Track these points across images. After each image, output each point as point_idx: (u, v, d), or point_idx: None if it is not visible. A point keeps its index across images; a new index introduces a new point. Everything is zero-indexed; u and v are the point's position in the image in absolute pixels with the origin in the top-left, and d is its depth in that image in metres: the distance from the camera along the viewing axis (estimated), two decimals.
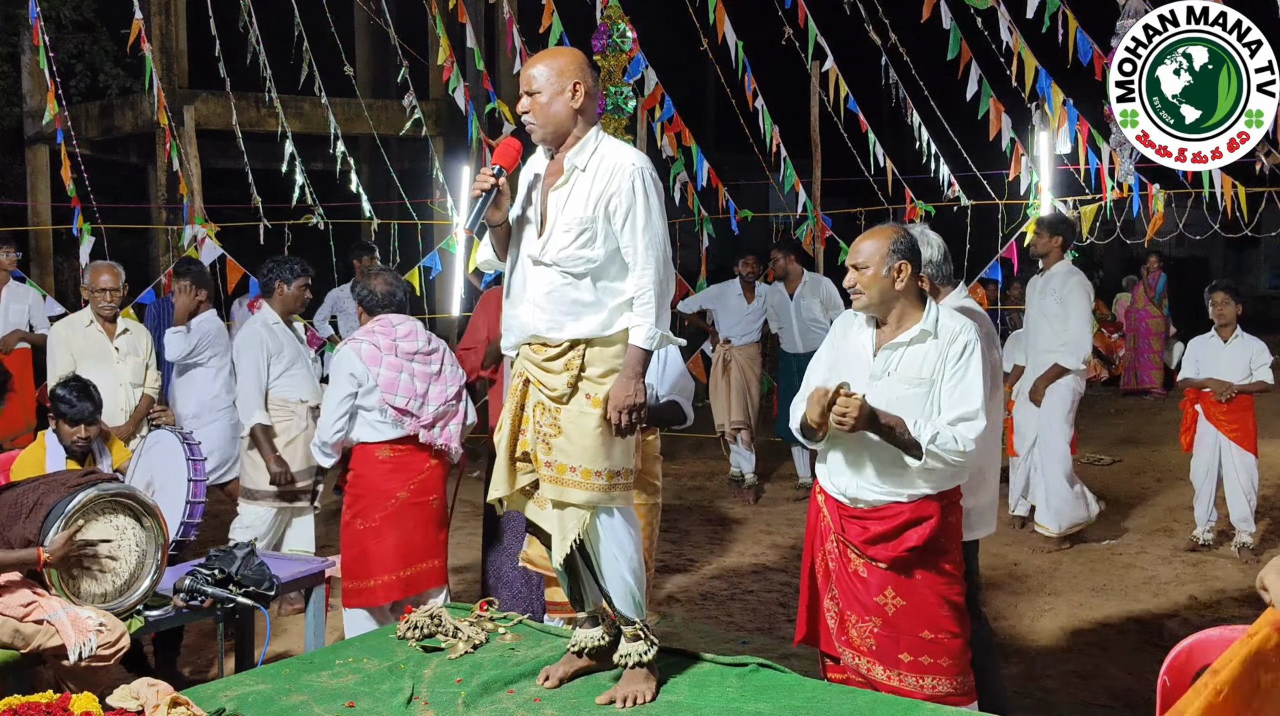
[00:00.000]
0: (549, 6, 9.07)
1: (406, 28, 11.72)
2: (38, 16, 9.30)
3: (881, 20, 9.18)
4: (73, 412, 4.34)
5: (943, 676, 3.33)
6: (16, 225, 12.27)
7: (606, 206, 3.06)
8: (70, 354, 5.73)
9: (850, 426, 3.18)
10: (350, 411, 4.54)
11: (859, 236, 3.46)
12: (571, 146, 3.12)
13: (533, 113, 3.10)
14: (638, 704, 3.12)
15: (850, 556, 3.41)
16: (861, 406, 3.16)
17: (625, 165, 3.06)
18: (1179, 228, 9.64)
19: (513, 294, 3.18)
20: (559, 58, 3.14)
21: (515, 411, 3.16)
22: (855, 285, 3.38)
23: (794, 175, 9.86)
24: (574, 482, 3.06)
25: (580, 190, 3.09)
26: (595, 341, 3.09)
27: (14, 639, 3.45)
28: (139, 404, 5.78)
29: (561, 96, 3.08)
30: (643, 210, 3.05)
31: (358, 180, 9.91)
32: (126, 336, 5.87)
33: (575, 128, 3.11)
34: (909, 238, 3.38)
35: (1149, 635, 5.38)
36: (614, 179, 3.05)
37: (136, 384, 5.85)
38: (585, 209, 3.06)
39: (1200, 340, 6.88)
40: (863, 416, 3.16)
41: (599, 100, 5.51)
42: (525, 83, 3.12)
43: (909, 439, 3.21)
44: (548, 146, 3.18)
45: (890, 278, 3.33)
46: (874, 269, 3.34)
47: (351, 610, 4.61)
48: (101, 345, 5.80)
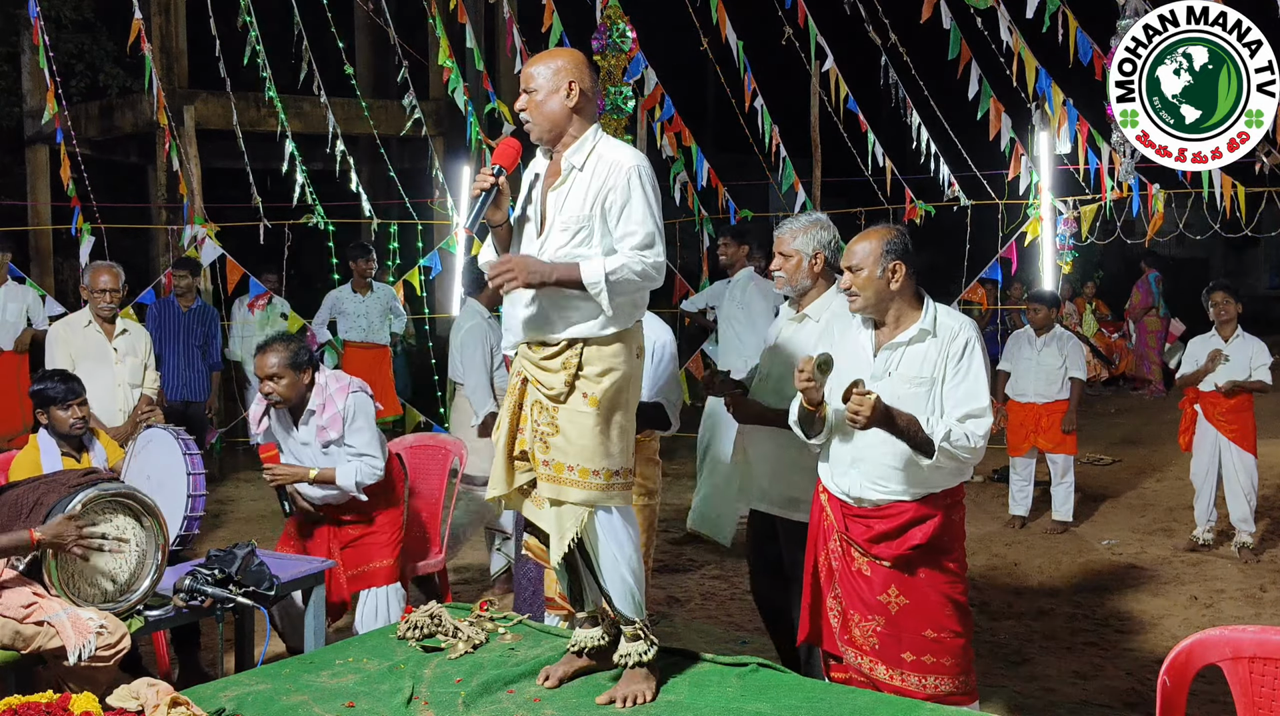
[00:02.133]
0: (549, 6, 9.06)
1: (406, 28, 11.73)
2: (38, 16, 9.30)
3: (881, 20, 9.18)
4: (61, 392, 4.38)
5: (945, 676, 3.33)
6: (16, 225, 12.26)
7: (603, 204, 3.06)
8: (69, 354, 5.72)
9: (864, 424, 3.17)
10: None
11: (851, 239, 3.47)
12: (569, 145, 3.12)
13: (529, 111, 3.12)
14: (638, 703, 3.12)
15: (854, 555, 3.41)
16: (875, 404, 3.15)
17: (622, 163, 3.06)
18: (1179, 228, 9.63)
19: (514, 295, 3.17)
20: (556, 58, 3.15)
21: (513, 410, 3.17)
22: (850, 287, 3.39)
23: (794, 175, 9.85)
24: (571, 481, 3.07)
25: (578, 189, 3.09)
26: (593, 340, 3.09)
27: (14, 640, 3.45)
28: (138, 404, 5.78)
29: (556, 95, 3.08)
30: (639, 203, 3.04)
31: (358, 180, 9.91)
32: (125, 337, 5.86)
33: (571, 127, 3.11)
34: (902, 238, 3.39)
35: (1149, 635, 5.37)
36: (611, 177, 3.05)
37: (135, 384, 5.85)
38: (583, 208, 3.07)
39: (1200, 340, 6.89)
40: (876, 414, 3.16)
41: (599, 100, 5.51)
42: (523, 81, 3.14)
43: (923, 437, 3.21)
44: (545, 145, 3.18)
45: (885, 278, 3.34)
46: (868, 270, 3.35)
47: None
48: (100, 346, 5.79)
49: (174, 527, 4.14)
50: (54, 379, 4.46)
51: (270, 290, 9.75)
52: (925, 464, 3.25)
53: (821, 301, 3.91)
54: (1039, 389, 7.39)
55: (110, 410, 5.65)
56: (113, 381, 5.74)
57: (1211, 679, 2.78)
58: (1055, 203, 8.75)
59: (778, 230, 4.02)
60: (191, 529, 4.26)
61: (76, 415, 4.44)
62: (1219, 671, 2.61)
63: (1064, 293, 11.22)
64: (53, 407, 4.42)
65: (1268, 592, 5.98)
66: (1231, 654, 2.57)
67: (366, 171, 13.13)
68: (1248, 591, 6.01)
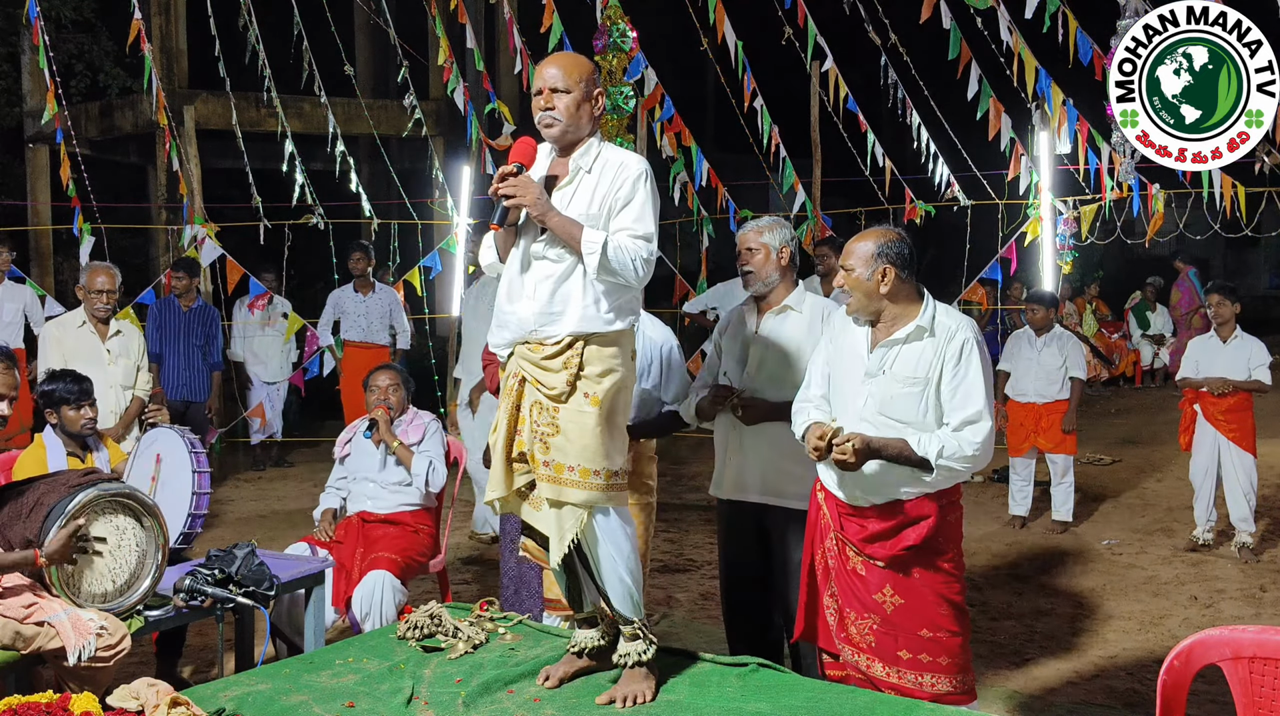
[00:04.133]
0: (549, 6, 9.06)
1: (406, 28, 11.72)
2: (38, 16, 9.30)
3: (881, 20, 9.18)
4: (75, 393, 4.40)
5: (942, 674, 3.32)
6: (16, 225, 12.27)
7: (610, 206, 3.10)
8: (61, 354, 5.73)
9: (853, 467, 3.20)
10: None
11: (852, 238, 3.47)
12: (577, 149, 3.17)
13: (559, 111, 3.11)
14: (637, 703, 3.12)
15: (849, 554, 3.41)
16: (857, 448, 3.18)
17: (630, 166, 3.13)
18: (1179, 228, 9.64)
19: (511, 290, 3.18)
20: (585, 64, 3.19)
21: (511, 411, 3.16)
22: (843, 286, 3.40)
23: (793, 175, 9.85)
24: (572, 482, 3.06)
25: (584, 190, 3.14)
26: (593, 338, 3.09)
27: (15, 640, 3.45)
28: (129, 406, 5.78)
29: (587, 104, 3.14)
30: (640, 202, 3.10)
31: (358, 180, 9.91)
32: (119, 338, 5.86)
33: (587, 134, 3.17)
34: (901, 241, 3.37)
35: (1149, 635, 5.38)
36: (618, 177, 3.11)
37: (126, 386, 5.85)
38: (590, 206, 3.11)
39: (1200, 340, 6.90)
40: (861, 456, 3.19)
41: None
42: (549, 79, 3.12)
43: (917, 458, 3.22)
44: (557, 146, 3.20)
45: (874, 281, 3.33)
46: (858, 271, 3.35)
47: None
48: (93, 346, 5.79)
49: (178, 526, 4.15)
50: (66, 380, 4.46)
51: (270, 290, 9.75)
52: (928, 480, 3.26)
53: (796, 294, 4.02)
54: (1039, 389, 7.39)
55: (102, 412, 5.65)
56: (104, 382, 5.73)
57: (1211, 679, 2.78)
58: (1055, 203, 8.74)
59: (741, 230, 4.11)
60: (195, 527, 4.26)
61: (88, 415, 4.47)
62: (1219, 671, 2.61)
63: (1064, 293, 11.23)
64: (64, 408, 4.43)
65: (1268, 592, 5.98)
66: (1231, 654, 2.58)
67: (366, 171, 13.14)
68: (1248, 591, 6.02)
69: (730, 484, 4.09)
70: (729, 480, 4.10)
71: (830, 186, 10.55)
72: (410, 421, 5.20)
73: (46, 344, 5.83)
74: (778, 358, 3.94)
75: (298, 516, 7.85)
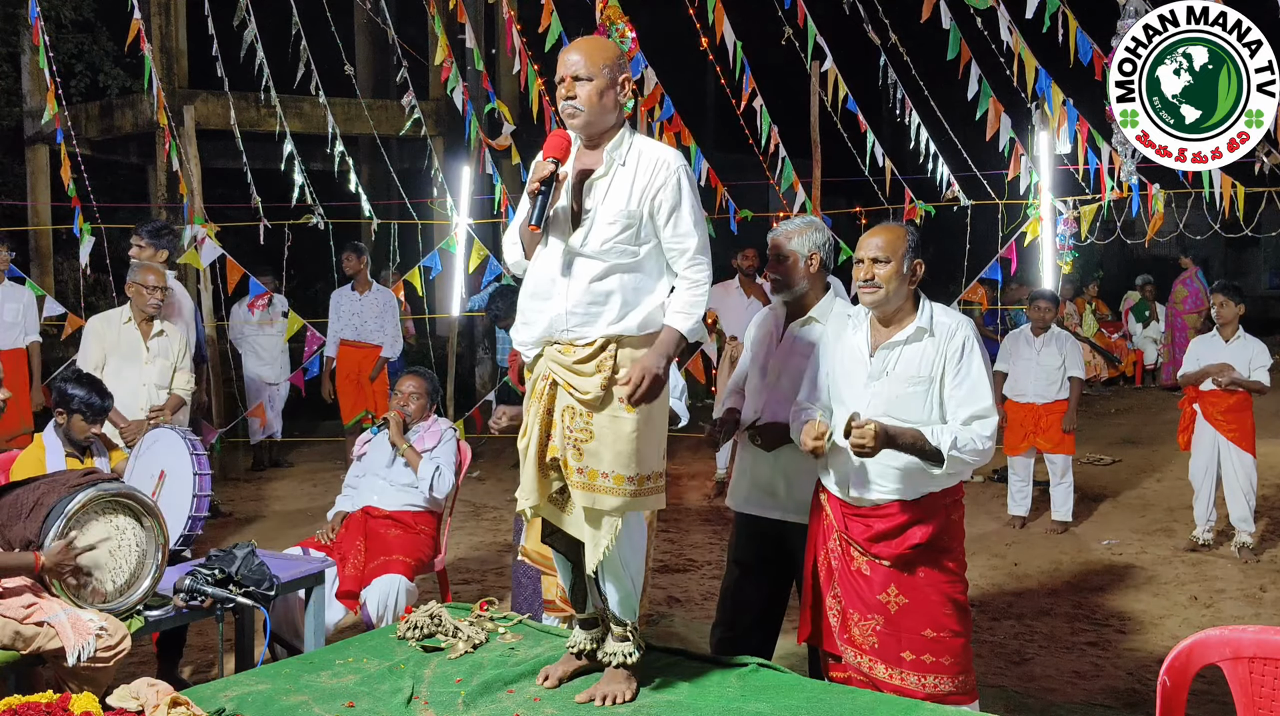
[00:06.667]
0: (548, 6, 9.06)
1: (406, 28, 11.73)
2: (38, 16, 9.31)
3: (881, 20, 9.17)
4: (92, 408, 4.41)
5: (944, 675, 3.32)
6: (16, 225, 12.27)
7: (652, 201, 3.01)
8: (102, 349, 5.78)
9: (870, 453, 3.17)
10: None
11: (872, 230, 3.41)
12: (609, 139, 3.05)
13: (582, 100, 3.00)
14: (615, 703, 3.10)
15: (853, 554, 3.41)
16: (876, 432, 3.14)
17: (668, 161, 3.02)
18: (1179, 228, 9.63)
19: (540, 289, 3.07)
20: (609, 49, 3.06)
21: (542, 416, 3.05)
22: (874, 278, 3.32)
23: (793, 175, 9.85)
24: (606, 489, 2.98)
25: (621, 183, 3.02)
26: (626, 341, 3.01)
27: (14, 641, 3.45)
28: (168, 401, 5.84)
29: (612, 91, 3.02)
30: (688, 208, 3.02)
31: (357, 180, 9.90)
32: (160, 338, 5.90)
33: (614, 123, 3.06)
34: (918, 237, 3.39)
35: (1149, 635, 5.38)
36: (656, 174, 3.01)
37: (161, 386, 5.88)
38: (629, 202, 3.00)
39: (1201, 340, 6.90)
40: (879, 441, 3.15)
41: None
42: (571, 66, 3.00)
43: (930, 449, 3.21)
44: (585, 136, 3.08)
45: (910, 274, 3.33)
46: (895, 263, 3.31)
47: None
48: (134, 343, 5.83)
49: (179, 527, 4.15)
50: (91, 391, 4.42)
51: (270, 290, 9.75)
52: (937, 473, 3.25)
53: (824, 303, 3.83)
54: (1039, 389, 7.39)
55: (132, 408, 5.70)
56: (139, 381, 5.78)
57: (1212, 679, 2.78)
58: (1055, 203, 8.74)
59: (773, 233, 3.93)
60: (196, 528, 4.27)
61: (96, 431, 4.49)
62: (1219, 671, 2.61)
63: (1064, 293, 11.23)
64: (76, 416, 4.41)
65: (1268, 592, 5.98)
66: (1231, 654, 2.57)
67: (366, 171, 13.13)
68: (1248, 591, 6.02)
69: (749, 498, 3.93)
70: (747, 494, 3.94)
71: (830, 186, 10.54)
72: (428, 427, 5.23)
73: (89, 337, 5.87)
74: (796, 372, 3.76)
75: (297, 516, 7.86)
